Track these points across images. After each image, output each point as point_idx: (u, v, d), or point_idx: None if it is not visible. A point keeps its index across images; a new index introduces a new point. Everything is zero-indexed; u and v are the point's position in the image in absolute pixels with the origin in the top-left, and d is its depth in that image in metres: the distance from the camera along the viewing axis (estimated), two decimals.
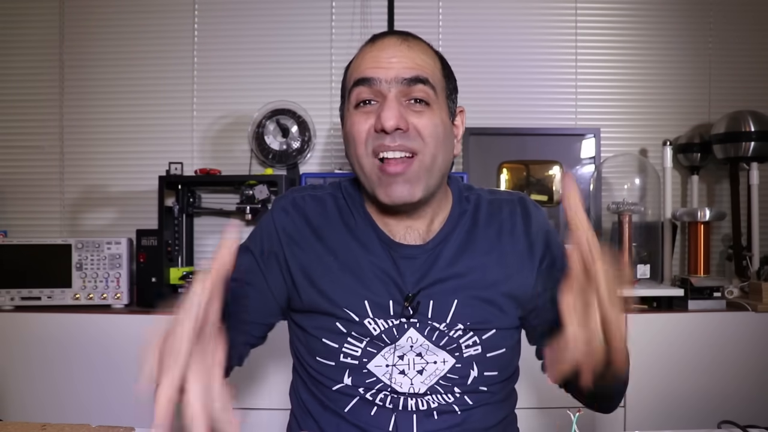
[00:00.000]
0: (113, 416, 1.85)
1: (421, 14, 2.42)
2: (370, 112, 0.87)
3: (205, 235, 2.39)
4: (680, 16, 2.44)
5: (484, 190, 1.01)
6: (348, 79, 0.92)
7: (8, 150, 2.43)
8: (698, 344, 1.89)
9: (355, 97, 0.88)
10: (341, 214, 0.96)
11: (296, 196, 0.98)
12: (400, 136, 0.85)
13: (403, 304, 0.89)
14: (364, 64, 0.88)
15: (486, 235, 0.94)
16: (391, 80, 0.85)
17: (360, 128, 0.87)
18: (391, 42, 0.89)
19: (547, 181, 2.20)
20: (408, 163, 0.85)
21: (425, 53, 0.90)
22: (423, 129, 0.86)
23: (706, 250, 2.10)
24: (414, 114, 0.86)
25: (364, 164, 0.88)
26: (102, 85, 2.42)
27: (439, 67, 0.92)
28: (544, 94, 2.42)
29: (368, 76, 0.86)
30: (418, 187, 0.86)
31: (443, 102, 0.91)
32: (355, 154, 0.88)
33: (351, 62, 0.93)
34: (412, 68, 0.86)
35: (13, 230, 2.38)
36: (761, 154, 2.17)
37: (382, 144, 0.85)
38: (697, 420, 1.79)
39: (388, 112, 0.84)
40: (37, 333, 1.92)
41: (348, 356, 0.91)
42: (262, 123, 2.27)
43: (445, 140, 0.90)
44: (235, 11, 2.43)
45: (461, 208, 0.97)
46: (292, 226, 0.95)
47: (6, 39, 2.43)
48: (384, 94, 0.86)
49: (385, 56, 0.87)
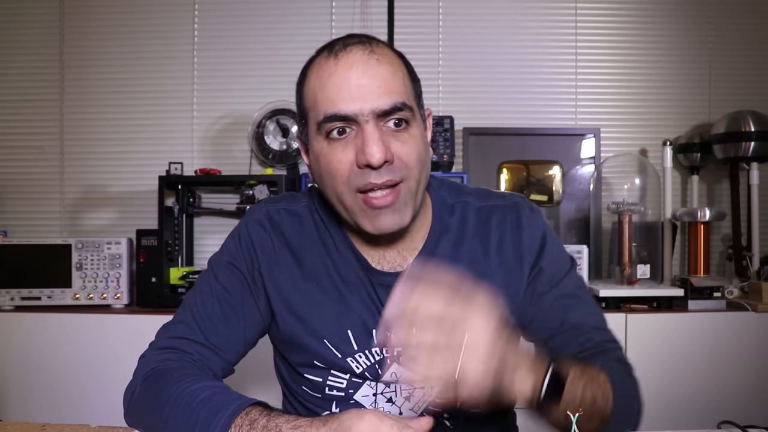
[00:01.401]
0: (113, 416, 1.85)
1: (421, 14, 2.42)
2: (348, 144, 0.78)
3: (205, 235, 2.39)
4: (680, 16, 2.44)
5: (477, 193, 0.94)
6: (311, 102, 0.82)
7: (8, 150, 2.43)
8: (698, 344, 1.89)
9: (326, 129, 0.79)
10: (319, 232, 0.91)
11: (271, 209, 0.92)
12: (386, 170, 0.77)
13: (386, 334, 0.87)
14: (332, 92, 0.78)
15: (472, 254, 0.88)
16: (368, 113, 0.77)
17: (339, 166, 0.78)
18: (357, 57, 0.79)
19: (547, 181, 2.20)
20: (395, 193, 0.79)
21: (393, 65, 0.81)
22: (407, 157, 0.79)
23: (706, 250, 2.09)
24: (395, 141, 0.79)
25: (345, 199, 0.81)
26: (102, 85, 2.42)
27: (407, 75, 0.83)
28: (544, 94, 2.42)
29: (342, 113, 0.77)
30: (406, 214, 0.81)
31: (418, 115, 0.83)
32: (333, 189, 0.81)
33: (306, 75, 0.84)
34: (387, 93, 0.77)
35: (13, 230, 2.38)
36: (761, 154, 2.17)
37: (369, 182, 0.77)
38: (697, 420, 1.79)
39: (372, 146, 0.76)
40: (37, 333, 1.92)
41: (333, 389, 0.89)
42: (262, 123, 2.27)
43: (426, 157, 0.84)
44: (235, 11, 2.43)
45: (442, 223, 0.90)
46: (269, 244, 0.89)
47: (6, 39, 2.43)
48: (360, 124, 0.77)
49: (354, 78, 0.77)
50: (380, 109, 0.77)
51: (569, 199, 2.35)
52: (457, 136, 2.33)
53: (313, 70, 0.83)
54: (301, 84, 0.86)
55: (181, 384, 0.76)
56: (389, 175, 0.78)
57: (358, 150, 0.77)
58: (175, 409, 0.74)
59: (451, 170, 2.24)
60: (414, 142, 0.80)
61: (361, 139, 0.77)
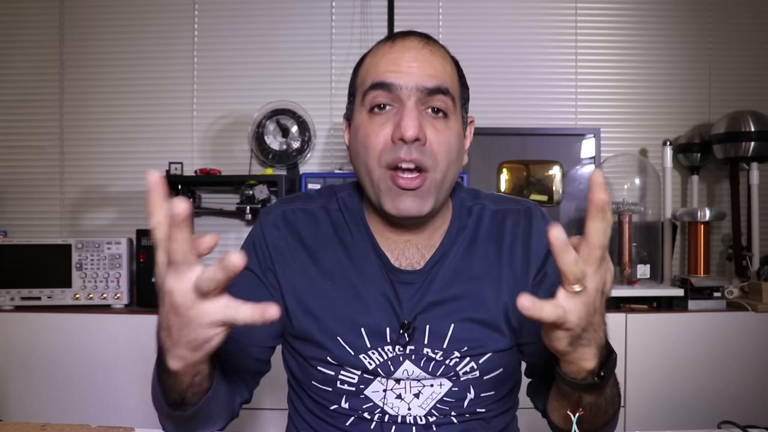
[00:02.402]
0: (113, 416, 1.85)
1: (421, 14, 2.42)
2: (387, 120, 0.82)
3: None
4: (680, 16, 2.44)
5: (492, 199, 0.96)
6: (361, 79, 0.87)
7: (8, 150, 2.43)
8: (698, 344, 1.89)
9: (370, 101, 0.83)
10: (336, 230, 0.92)
11: (286, 209, 0.93)
12: (416, 149, 0.80)
13: (399, 332, 0.86)
14: (382, 66, 0.83)
15: (485, 253, 0.90)
16: (411, 87, 0.81)
17: (375, 139, 0.82)
18: (413, 44, 0.84)
19: (547, 181, 2.20)
20: (420, 179, 0.81)
21: (445, 60, 0.87)
22: (438, 146, 0.82)
23: (706, 250, 2.10)
24: (431, 127, 0.82)
25: (374, 175, 0.83)
26: (102, 85, 2.42)
27: (457, 76, 0.89)
28: (544, 94, 2.42)
29: (388, 81, 0.81)
30: (427, 202, 0.83)
31: (459, 113, 0.87)
32: (365, 163, 0.84)
33: (364, 59, 0.89)
34: (433, 76, 0.82)
35: (13, 230, 2.38)
36: (761, 154, 2.17)
37: (398, 157, 0.80)
38: (697, 420, 1.79)
39: (408, 120, 0.79)
40: (37, 333, 1.92)
41: (345, 383, 0.89)
42: (262, 123, 2.27)
43: (458, 156, 0.86)
44: (235, 11, 2.43)
45: (461, 223, 0.92)
46: (283, 244, 0.90)
47: (6, 39, 2.43)
48: (403, 100, 0.81)
49: (405, 60, 0.82)
50: (424, 86, 0.81)
51: (569, 199, 2.35)
52: None
53: (371, 54, 0.88)
54: (357, 68, 0.90)
55: None
56: (418, 154, 0.80)
57: (395, 125, 0.81)
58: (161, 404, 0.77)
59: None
60: (448, 134, 0.83)
61: (400, 115, 0.81)
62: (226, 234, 2.38)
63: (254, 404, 1.82)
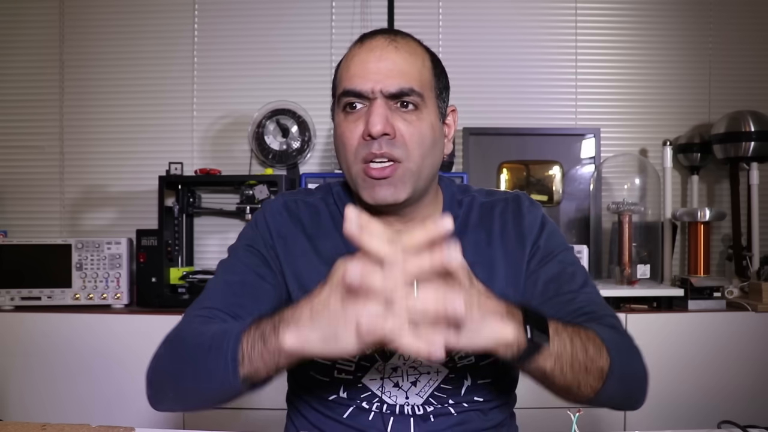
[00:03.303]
0: (113, 416, 1.85)
1: (421, 14, 2.42)
2: (359, 118, 0.87)
3: (205, 235, 2.39)
4: (680, 16, 2.44)
5: (481, 192, 1.00)
6: (338, 82, 0.92)
7: (8, 150, 2.43)
8: (698, 344, 1.89)
9: (343, 104, 0.89)
10: (334, 221, 0.95)
11: (288, 200, 0.97)
12: (386, 143, 0.85)
13: None
14: (351, 71, 0.88)
15: (475, 240, 0.93)
16: (377, 92, 0.85)
17: (350, 135, 0.87)
18: (379, 43, 0.88)
19: (547, 181, 2.20)
20: (392, 168, 0.86)
21: (412, 54, 0.89)
22: (408, 137, 0.86)
23: (706, 250, 2.10)
24: (401, 120, 0.86)
25: (352, 169, 0.88)
26: (102, 85, 2.42)
27: (429, 67, 0.91)
28: (544, 94, 2.42)
29: (356, 89, 0.86)
30: (402, 190, 0.87)
31: (432, 104, 0.90)
32: (344, 159, 0.89)
33: (341, 61, 0.93)
34: (397, 78, 0.86)
35: (13, 230, 2.38)
36: (761, 154, 2.17)
37: (370, 152, 0.85)
38: (697, 420, 1.79)
39: (375, 117, 0.84)
40: (37, 333, 1.92)
41: (342, 372, 0.90)
42: (262, 123, 2.27)
43: (433, 145, 0.89)
44: (235, 11, 2.43)
45: (452, 212, 0.95)
46: (285, 229, 0.94)
47: (6, 39, 2.43)
48: (371, 100, 0.86)
49: (372, 60, 0.86)
50: (387, 90, 0.85)
51: (569, 199, 2.35)
52: (457, 136, 2.33)
53: (345, 56, 0.93)
54: (336, 69, 0.94)
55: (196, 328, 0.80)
56: (388, 148, 0.85)
57: (365, 122, 0.86)
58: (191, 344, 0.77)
59: (451, 170, 2.24)
60: (419, 125, 0.87)
61: (369, 112, 0.86)
62: (226, 234, 2.38)
63: (253, 404, 1.82)
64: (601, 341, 0.78)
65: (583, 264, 1.95)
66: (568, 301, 0.89)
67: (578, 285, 0.91)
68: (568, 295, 0.90)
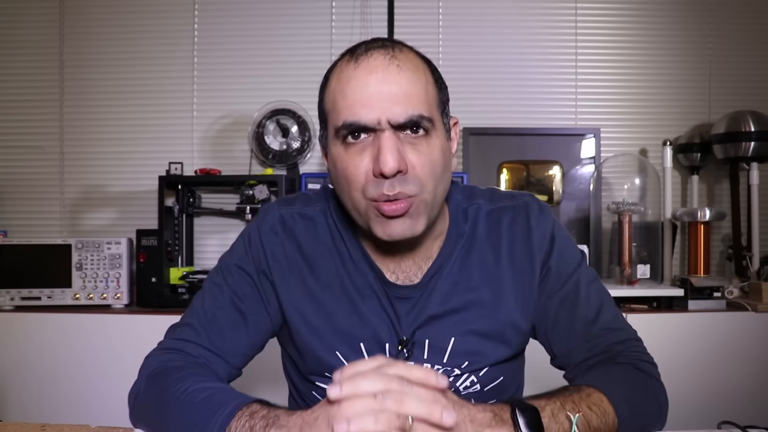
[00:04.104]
0: (113, 416, 1.84)
1: (421, 14, 2.42)
2: (364, 150, 0.78)
3: (205, 235, 2.39)
4: (680, 16, 2.44)
5: (486, 197, 0.93)
6: (331, 108, 0.81)
7: (8, 150, 2.43)
8: (698, 344, 1.89)
9: (343, 137, 0.79)
10: (334, 240, 0.89)
11: (284, 213, 0.90)
12: (398, 181, 0.76)
13: (398, 348, 0.85)
14: (350, 98, 0.77)
15: (482, 260, 0.88)
16: (384, 122, 0.76)
17: (355, 171, 0.78)
18: (378, 62, 0.77)
19: (547, 181, 2.20)
20: (408, 203, 0.78)
21: (416, 72, 0.79)
22: (421, 169, 0.78)
23: (706, 250, 2.09)
24: (412, 150, 0.78)
25: (359, 206, 0.80)
26: (102, 85, 2.42)
27: (432, 82, 0.82)
28: (544, 94, 2.42)
29: (360, 122, 0.76)
30: (419, 223, 0.80)
31: (440, 125, 0.82)
32: (349, 195, 0.80)
33: (329, 79, 0.82)
34: (404, 105, 0.76)
35: (13, 230, 2.38)
36: (761, 154, 2.17)
37: (382, 193, 0.76)
38: (697, 420, 1.78)
39: (386, 154, 0.75)
40: (37, 333, 1.92)
41: None
42: (262, 123, 2.27)
43: (444, 170, 0.82)
44: (235, 11, 2.43)
45: (458, 229, 0.89)
46: (281, 250, 0.88)
47: (6, 39, 2.43)
48: (377, 131, 0.77)
49: (373, 84, 0.76)
50: (395, 121, 0.76)
51: (569, 199, 2.35)
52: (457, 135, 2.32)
53: (335, 74, 0.81)
54: (323, 88, 0.84)
55: (184, 383, 0.76)
56: (401, 187, 0.76)
57: (373, 158, 0.76)
58: (176, 408, 0.74)
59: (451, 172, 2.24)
60: (431, 153, 0.79)
61: (377, 146, 0.76)
62: (226, 234, 2.38)
63: None
64: (608, 403, 0.74)
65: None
66: (584, 335, 0.86)
67: (594, 310, 0.87)
68: (583, 325, 0.86)
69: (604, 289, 0.92)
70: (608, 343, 0.86)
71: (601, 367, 0.83)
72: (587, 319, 0.87)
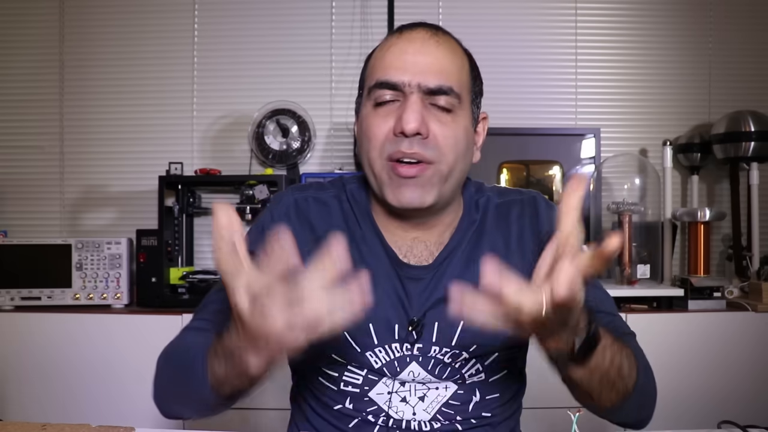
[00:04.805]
0: (113, 416, 1.85)
1: (421, 14, 2.42)
2: (390, 113, 0.82)
3: (205, 235, 2.39)
4: (680, 16, 2.44)
5: (494, 191, 0.95)
6: (369, 72, 0.86)
7: (8, 150, 2.43)
8: (698, 344, 1.89)
9: (375, 97, 0.83)
10: (347, 222, 0.91)
11: (298, 197, 0.92)
12: (418, 143, 0.79)
13: (407, 329, 0.86)
14: (387, 61, 0.82)
15: (492, 247, 0.89)
16: (414, 85, 0.80)
17: (377, 130, 0.82)
18: (419, 35, 0.83)
19: (547, 181, 2.20)
20: (422, 168, 0.80)
21: (453, 52, 0.84)
22: (443, 140, 0.81)
23: (706, 250, 2.09)
24: (436, 120, 0.81)
25: (375, 166, 0.83)
26: (102, 85, 2.42)
27: (467, 69, 0.86)
28: (544, 94, 2.42)
29: (391, 80, 0.81)
30: (430, 193, 0.81)
31: (467, 108, 0.85)
32: (367, 154, 0.84)
33: (374, 51, 0.88)
34: (437, 74, 0.80)
35: (13, 230, 2.38)
36: (761, 154, 2.17)
37: (399, 150, 0.80)
38: (697, 420, 1.79)
39: (410, 114, 0.79)
40: (37, 333, 1.92)
41: (349, 384, 0.88)
42: (262, 123, 2.27)
43: (466, 151, 0.84)
44: (235, 11, 2.43)
45: (470, 218, 0.91)
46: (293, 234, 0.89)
47: (6, 39, 2.43)
48: (406, 94, 0.81)
49: (410, 52, 0.81)
50: (426, 85, 0.80)
51: None
52: None
53: (379, 47, 0.87)
54: (367, 60, 0.89)
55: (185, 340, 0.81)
56: (420, 149, 0.79)
57: (397, 118, 0.80)
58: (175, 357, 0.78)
59: None
60: (454, 128, 0.82)
61: (403, 108, 0.80)
62: None
63: (256, 404, 1.82)
64: (635, 360, 0.77)
65: None
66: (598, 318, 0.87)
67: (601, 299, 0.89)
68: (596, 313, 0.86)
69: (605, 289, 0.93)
70: (617, 326, 0.87)
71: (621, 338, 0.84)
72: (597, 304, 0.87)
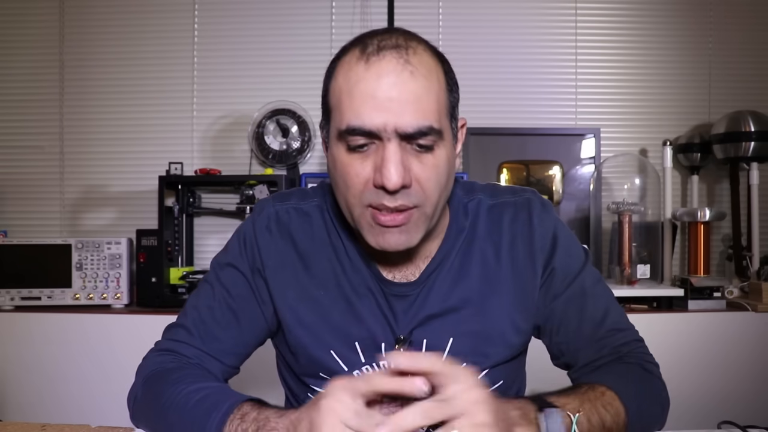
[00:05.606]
0: (113, 416, 1.85)
1: (421, 14, 2.42)
2: (367, 158, 0.73)
3: (205, 235, 2.39)
4: (680, 16, 2.44)
5: (486, 191, 0.90)
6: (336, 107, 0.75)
7: (8, 150, 2.43)
8: (698, 344, 1.89)
9: (347, 141, 0.73)
10: (329, 235, 0.87)
11: (279, 209, 0.88)
12: (401, 195, 0.72)
13: (394, 347, 0.83)
14: (358, 102, 0.72)
15: (482, 256, 0.85)
16: (391, 131, 0.71)
17: (356, 179, 0.74)
18: (391, 66, 0.71)
19: (547, 181, 2.20)
20: (407, 215, 0.74)
21: (429, 78, 0.73)
22: (426, 182, 0.74)
23: (706, 250, 2.09)
24: (417, 162, 0.73)
25: (354, 210, 0.76)
26: (102, 85, 2.42)
27: (444, 87, 0.76)
28: (544, 94, 2.42)
29: (364, 128, 0.71)
30: (416, 235, 0.76)
31: (449, 133, 0.77)
32: (344, 197, 0.76)
33: (336, 72, 0.76)
34: (414, 114, 0.71)
35: (13, 230, 2.38)
36: (761, 154, 2.17)
37: (382, 204, 0.73)
38: (697, 420, 1.79)
39: (391, 168, 0.70)
40: (37, 333, 1.92)
41: None
42: (262, 123, 2.27)
43: (449, 178, 0.78)
44: (235, 11, 2.43)
45: (458, 225, 0.87)
46: (274, 249, 0.86)
47: (6, 39, 2.43)
48: (383, 140, 0.72)
49: (383, 89, 0.71)
50: (404, 130, 0.71)
51: (569, 199, 2.35)
52: None
53: (342, 69, 0.75)
54: (328, 78, 0.78)
55: (179, 386, 0.76)
56: (404, 200, 0.73)
57: (376, 168, 0.72)
58: (173, 412, 0.74)
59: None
60: (437, 167, 0.74)
61: (381, 157, 0.71)
62: (226, 234, 2.36)
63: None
64: (619, 402, 0.75)
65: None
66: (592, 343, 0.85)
67: (601, 312, 0.86)
68: (590, 327, 0.85)
69: (608, 289, 0.90)
70: (615, 345, 0.85)
71: (610, 366, 0.83)
72: (595, 321, 0.86)
